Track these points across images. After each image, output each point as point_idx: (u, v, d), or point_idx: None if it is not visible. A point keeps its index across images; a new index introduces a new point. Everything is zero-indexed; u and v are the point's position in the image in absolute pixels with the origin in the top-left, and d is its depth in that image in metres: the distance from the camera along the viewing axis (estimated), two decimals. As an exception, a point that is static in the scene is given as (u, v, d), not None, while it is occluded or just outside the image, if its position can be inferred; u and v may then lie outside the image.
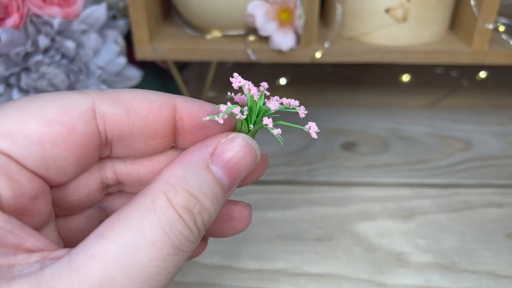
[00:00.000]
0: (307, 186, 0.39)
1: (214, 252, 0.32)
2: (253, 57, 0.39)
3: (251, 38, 0.40)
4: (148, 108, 0.18)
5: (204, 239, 0.22)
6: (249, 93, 0.17)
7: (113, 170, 0.19)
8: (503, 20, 0.42)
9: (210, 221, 0.16)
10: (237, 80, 0.17)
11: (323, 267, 0.31)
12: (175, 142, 0.19)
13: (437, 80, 0.52)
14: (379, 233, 0.34)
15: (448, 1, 0.39)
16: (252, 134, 0.18)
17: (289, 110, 0.18)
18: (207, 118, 0.17)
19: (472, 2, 0.37)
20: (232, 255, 0.32)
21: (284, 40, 0.38)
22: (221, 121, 0.17)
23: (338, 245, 0.33)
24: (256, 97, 0.17)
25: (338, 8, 0.39)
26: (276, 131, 0.17)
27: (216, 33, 0.40)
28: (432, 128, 0.46)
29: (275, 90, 0.50)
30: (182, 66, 0.52)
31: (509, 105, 0.49)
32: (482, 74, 0.51)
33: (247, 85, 0.17)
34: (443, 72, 0.53)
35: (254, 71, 0.52)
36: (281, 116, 0.18)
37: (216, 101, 0.19)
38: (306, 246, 0.33)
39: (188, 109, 0.18)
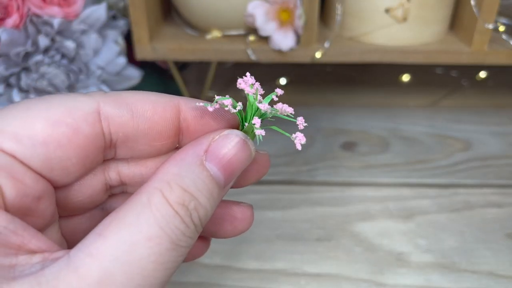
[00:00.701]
0: (307, 186, 0.39)
1: (214, 252, 0.32)
2: (253, 57, 0.39)
3: (251, 38, 0.40)
4: (153, 109, 0.18)
5: (206, 240, 0.22)
6: (247, 92, 0.17)
7: (116, 171, 0.19)
8: (503, 20, 0.42)
9: (207, 217, 0.16)
10: (245, 80, 0.17)
11: (323, 267, 0.31)
12: (179, 143, 0.19)
13: (437, 80, 0.52)
14: (379, 233, 0.34)
15: (448, 1, 0.39)
16: (249, 133, 0.18)
17: (283, 117, 0.18)
18: (201, 104, 0.17)
19: (472, 2, 0.37)
20: (232, 255, 0.32)
21: (284, 40, 0.38)
22: (211, 109, 0.17)
23: (338, 245, 0.33)
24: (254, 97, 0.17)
25: (338, 8, 0.39)
26: (259, 132, 0.17)
27: (216, 33, 0.40)
28: (432, 128, 0.46)
29: (275, 90, 0.50)
30: (182, 66, 0.52)
31: (509, 105, 0.49)
32: (482, 74, 0.51)
33: (243, 83, 0.17)
34: (443, 72, 0.53)
35: (254, 71, 0.51)
36: (278, 122, 0.18)
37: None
38: (306, 246, 0.33)
39: (192, 110, 0.18)
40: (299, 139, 0.17)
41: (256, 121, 0.17)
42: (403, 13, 0.38)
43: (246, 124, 0.18)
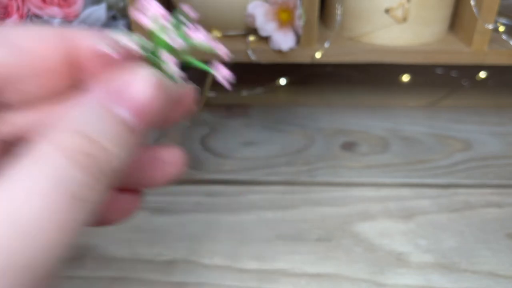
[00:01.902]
0: (307, 186, 0.39)
1: (214, 252, 0.32)
2: (253, 57, 0.39)
3: (251, 38, 0.40)
4: (38, 44, 0.16)
5: (136, 193, 0.19)
6: (151, 29, 0.15)
7: (10, 124, 0.17)
8: (503, 20, 0.42)
9: (118, 166, 0.14)
10: (145, 8, 0.15)
11: (323, 267, 0.31)
12: (78, 81, 0.17)
13: (437, 80, 0.52)
14: (379, 233, 0.34)
15: (448, 1, 0.39)
16: (161, 68, 0.16)
17: (206, 48, 0.16)
18: (101, 47, 0.15)
19: (472, 2, 0.37)
20: (232, 255, 0.32)
21: (284, 40, 0.38)
22: (117, 56, 0.15)
23: (338, 245, 0.33)
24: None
25: (338, 8, 0.39)
26: (176, 72, 0.15)
27: (216, 33, 0.40)
28: (432, 128, 0.46)
29: (275, 90, 0.50)
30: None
31: (509, 105, 0.49)
32: (482, 74, 0.51)
33: (142, 17, 0.15)
34: (443, 72, 0.53)
35: (254, 71, 0.52)
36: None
37: (216, 101, 0.19)
38: (306, 246, 0.33)
39: (88, 43, 0.16)
40: (222, 73, 0.15)
41: (169, 59, 0.15)
42: (403, 13, 0.38)
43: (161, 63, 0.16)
